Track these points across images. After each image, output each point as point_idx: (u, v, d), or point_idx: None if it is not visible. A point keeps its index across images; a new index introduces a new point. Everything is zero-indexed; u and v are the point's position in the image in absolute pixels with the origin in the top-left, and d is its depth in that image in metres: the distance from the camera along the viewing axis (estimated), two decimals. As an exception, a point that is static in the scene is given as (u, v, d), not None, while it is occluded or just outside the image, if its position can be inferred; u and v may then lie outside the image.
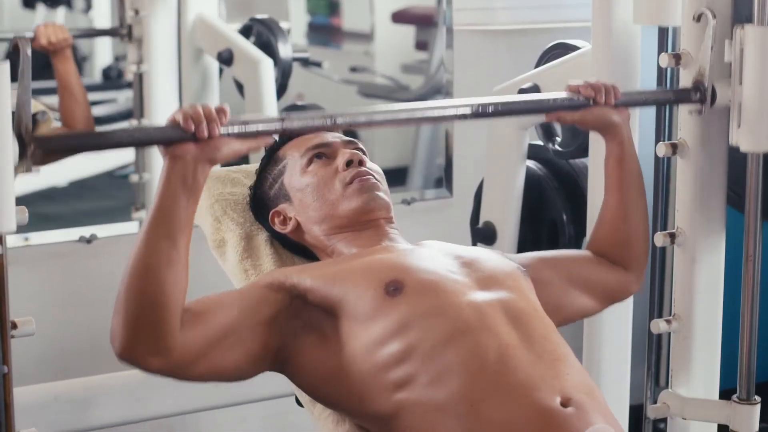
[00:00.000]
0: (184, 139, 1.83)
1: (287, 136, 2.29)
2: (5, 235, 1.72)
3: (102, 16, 3.92)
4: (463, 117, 2.09)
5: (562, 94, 2.18)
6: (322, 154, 2.21)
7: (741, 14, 2.27)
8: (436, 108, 2.11)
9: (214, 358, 1.91)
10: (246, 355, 1.94)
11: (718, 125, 2.33)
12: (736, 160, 2.34)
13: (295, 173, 2.22)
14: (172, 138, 1.84)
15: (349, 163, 2.18)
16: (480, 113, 2.09)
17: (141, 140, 1.92)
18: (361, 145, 2.26)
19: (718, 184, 2.38)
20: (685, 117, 2.34)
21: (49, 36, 3.42)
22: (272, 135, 1.95)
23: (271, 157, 2.29)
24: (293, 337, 1.98)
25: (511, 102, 2.24)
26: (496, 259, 2.15)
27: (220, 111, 1.86)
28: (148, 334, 1.83)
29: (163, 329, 1.83)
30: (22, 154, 1.72)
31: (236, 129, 1.88)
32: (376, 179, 2.20)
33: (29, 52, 1.71)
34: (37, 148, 1.72)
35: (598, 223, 2.31)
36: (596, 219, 2.33)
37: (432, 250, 2.14)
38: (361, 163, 2.19)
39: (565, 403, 1.86)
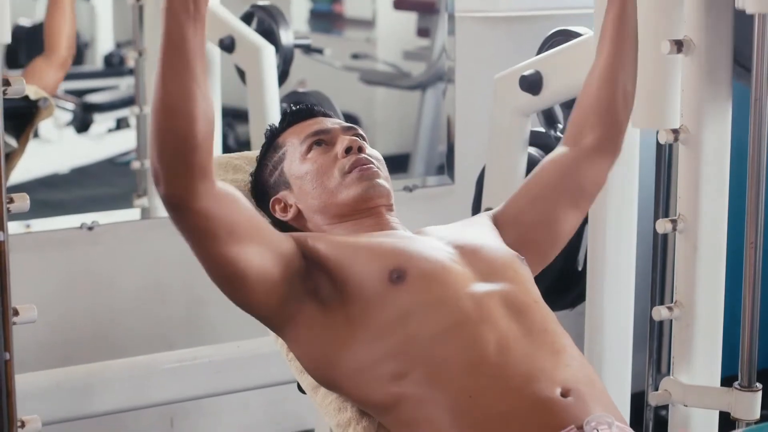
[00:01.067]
0: None
1: (286, 123, 2.29)
2: (7, 222, 1.71)
3: (104, 2, 3.92)
4: None
5: None
6: (322, 140, 2.21)
7: None
8: None
9: (243, 240, 1.89)
10: (268, 260, 1.93)
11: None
12: (744, 32, 2.29)
13: (295, 160, 2.21)
14: None
15: (348, 150, 2.17)
16: None
17: None
18: (361, 131, 2.25)
19: (720, 171, 2.38)
20: None
21: None
22: None
23: (271, 143, 2.28)
24: (297, 298, 1.97)
25: None
26: (497, 246, 2.14)
27: None
28: (184, 166, 1.79)
29: (198, 159, 1.79)
30: None
31: None
32: (376, 166, 2.19)
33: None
34: None
35: (585, 85, 2.26)
36: (585, 79, 2.27)
37: (433, 238, 2.13)
38: (360, 149, 2.18)
39: (564, 394, 1.86)
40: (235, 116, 3.76)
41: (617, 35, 2.21)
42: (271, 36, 3.57)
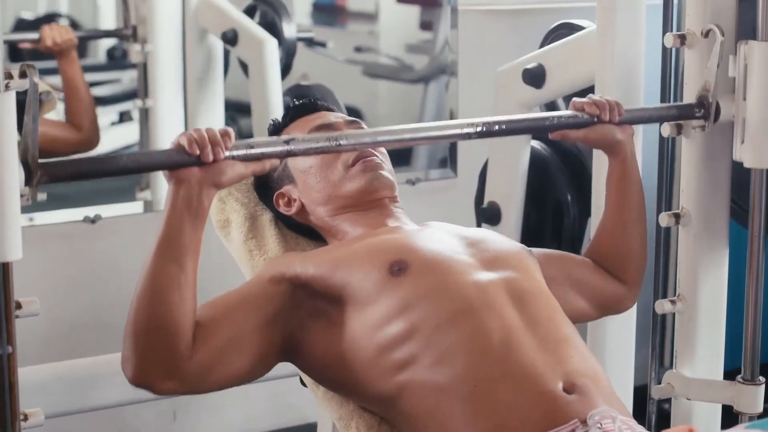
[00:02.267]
0: (189, 163, 1.83)
1: (290, 117, 2.29)
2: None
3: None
4: (468, 136, 2.08)
5: (566, 113, 2.18)
6: (325, 134, 2.21)
7: (744, 30, 2.27)
8: (441, 128, 2.11)
9: (227, 368, 1.92)
10: (257, 356, 1.95)
11: (720, 142, 2.34)
12: (740, 174, 2.34)
13: (299, 154, 2.21)
14: (176, 162, 1.83)
15: (352, 144, 2.17)
16: (484, 132, 2.08)
17: (146, 165, 1.92)
18: (363, 125, 2.25)
19: (724, 165, 2.37)
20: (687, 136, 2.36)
21: (54, 37, 3.42)
22: (277, 158, 1.95)
23: (275, 137, 2.28)
24: (299, 327, 1.99)
25: (516, 120, 2.24)
26: (502, 239, 2.15)
27: (225, 134, 1.85)
28: (159, 359, 1.83)
29: (174, 353, 1.84)
30: (29, 182, 1.72)
31: (241, 152, 1.88)
32: (380, 159, 2.19)
33: (36, 79, 1.70)
34: (43, 175, 1.73)
35: (597, 236, 2.31)
36: (595, 231, 2.33)
37: (437, 230, 2.13)
38: (363, 143, 2.18)
39: (568, 389, 1.86)
40: (237, 109, 3.75)
41: (622, 201, 2.27)
42: (273, 29, 3.57)
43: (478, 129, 2.07)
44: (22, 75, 1.70)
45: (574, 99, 2.19)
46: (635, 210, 2.26)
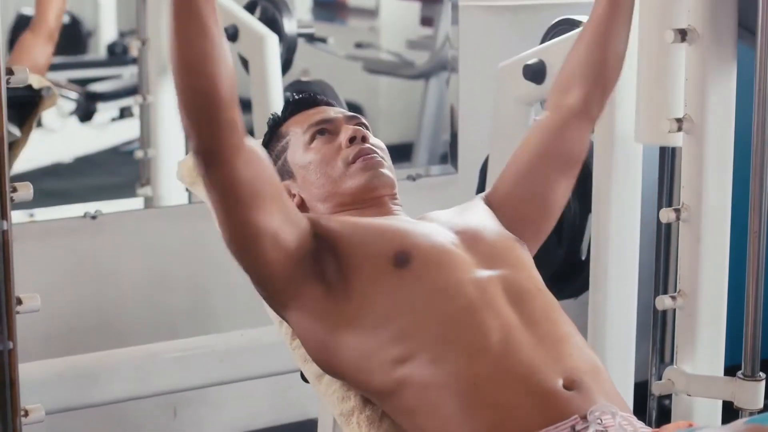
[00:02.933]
0: None
1: (289, 111, 2.28)
2: (10, 211, 1.71)
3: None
4: None
5: None
6: (325, 130, 2.20)
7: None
8: None
9: (265, 203, 1.91)
10: (284, 228, 1.94)
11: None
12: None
13: (298, 150, 2.21)
14: None
15: (352, 140, 2.17)
16: None
17: None
18: (364, 120, 2.25)
19: (723, 160, 2.37)
20: None
21: None
22: None
23: (274, 132, 2.28)
24: (304, 276, 1.97)
25: None
26: (496, 231, 2.14)
27: None
28: (211, 120, 1.82)
29: (224, 112, 1.82)
30: None
31: None
32: (380, 156, 2.19)
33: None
34: None
35: (575, 44, 2.25)
36: (577, 37, 2.27)
37: (435, 224, 2.13)
38: (364, 139, 2.17)
39: (568, 385, 1.86)
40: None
41: None
42: (274, 25, 3.57)
43: None
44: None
45: None
46: (624, 9, 2.21)
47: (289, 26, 3.60)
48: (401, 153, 3.92)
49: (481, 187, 3.05)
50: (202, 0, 1.79)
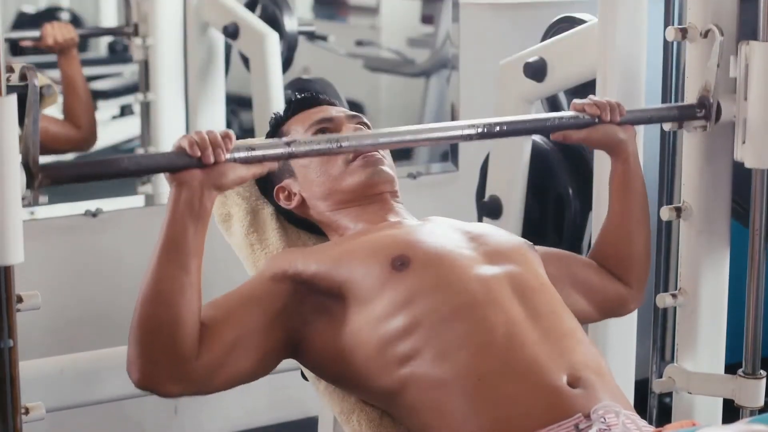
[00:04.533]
0: (190, 165, 1.83)
1: (291, 111, 2.28)
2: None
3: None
4: (469, 138, 2.08)
5: (567, 113, 2.18)
6: (326, 128, 2.21)
7: (746, 30, 2.27)
8: (442, 129, 2.10)
9: (232, 368, 1.92)
10: (261, 355, 1.95)
11: (722, 141, 2.34)
12: (741, 173, 2.34)
13: (300, 148, 2.21)
14: (177, 164, 1.83)
15: (352, 138, 2.17)
16: (486, 134, 2.09)
17: (147, 167, 1.91)
18: (365, 119, 2.25)
19: (725, 159, 2.37)
20: (688, 136, 2.36)
21: (55, 35, 3.42)
22: (278, 160, 1.95)
23: (276, 131, 2.28)
24: (302, 324, 1.99)
25: (517, 122, 2.25)
26: (504, 233, 2.15)
27: (225, 136, 1.85)
28: (165, 362, 1.83)
29: (180, 356, 1.84)
30: (30, 184, 1.72)
31: (242, 154, 1.87)
32: (380, 153, 2.19)
33: (36, 81, 1.70)
34: (44, 178, 1.73)
35: (600, 238, 2.30)
36: (598, 232, 2.32)
37: (438, 225, 2.13)
38: (364, 137, 2.18)
39: (572, 383, 1.86)
40: (239, 103, 3.75)
41: (625, 202, 2.26)
42: (275, 23, 3.57)
43: (480, 130, 2.07)
44: (23, 78, 1.70)
45: (575, 100, 2.19)
46: (639, 211, 2.25)
47: (290, 24, 3.60)
48: (402, 151, 3.92)
49: (481, 186, 3.05)
50: (193, 240, 1.83)
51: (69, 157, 3.66)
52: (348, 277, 1.98)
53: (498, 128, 2.10)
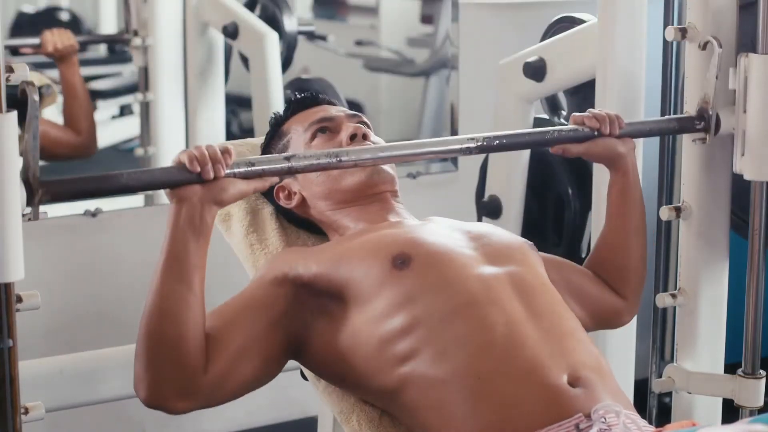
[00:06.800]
0: (190, 180, 1.83)
1: (291, 110, 2.29)
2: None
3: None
4: (468, 151, 2.09)
5: (566, 127, 2.18)
6: (326, 128, 2.21)
7: (745, 42, 2.27)
8: (441, 143, 2.12)
9: (239, 377, 1.92)
10: (266, 360, 1.95)
11: (721, 154, 2.34)
12: (740, 185, 2.34)
13: (299, 148, 2.21)
14: (177, 180, 1.84)
15: (353, 138, 2.17)
16: (485, 147, 2.10)
17: (147, 183, 1.91)
18: (365, 118, 2.25)
19: (725, 159, 2.37)
20: (687, 144, 2.36)
21: (55, 42, 3.42)
22: (278, 175, 1.95)
23: (276, 131, 2.28)
24: (303, 326, 1.99)
25: (516, 135, 2.25)
26: (505, 233, 2.15)
27: (225, 152, 1.86)
28: (173, 378, 1.84)
29: (188, 371, 1.84)
30: (30, 201, 1.72)
31: (242, 169, 1.88)
32: (380, 153, 2.19)
33: (36, 97, 1.71)
34: (44, 194, 1.73)
35: (597, 249, 2.30)
36: (596, 242, 2.32)
37: (439, 225, 2.13)
38: (365, 137, 2.18)
39: (572, 382, 1.85)
40: (238, 103, 3.76)
41: (623, 214, 2.26)
42: (274, 22, 3.57)
43: (479, 144, 2.08)
44: (23, 93, 1.70)
45: (574, 114, 2.19)
46: (636, 222, 2.25)
47: (290, 24, 3.60)
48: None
49: (481, 186, 3.05)
50: (195, 255, 1.84)
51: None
52: (348, 277, 1.98)
53: (497, 142, 2.11)
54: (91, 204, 3.36)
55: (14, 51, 3.51)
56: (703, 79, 2.27)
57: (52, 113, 3.55)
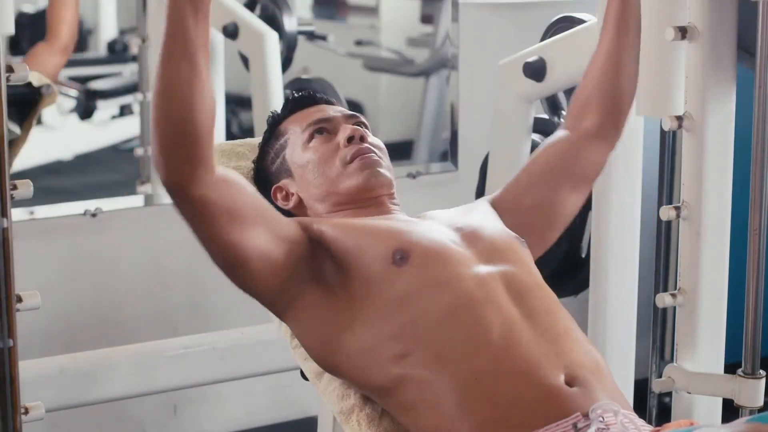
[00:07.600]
0: None
1: (288, 110, 2.28)
2: (10, 209, 1.71)
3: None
4: None
5: None
6: (324, 129, 2.20)
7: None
8: None
9: (245, 225, 1.89)
10: (270, 244, 1.93)
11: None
12: (748, 17, 2.30)
13: (297, 149, 2.21)
14: None
15: (350, 139, 2.16)
16: None
17: None
18: (363, 119, 2.24)
19: (724, 157, 2.37)
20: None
21: None
22: None
23: (273, 131, 2.28)
24: (301, 281, 1.97)
25: None
26: (495, 227, 2.14)
27: None
28: (184, 155, 1.80)
29: (199, 149, 1.80)
30: None
31: None
32: (378, 155, 2.18)
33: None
34: None
35: (588, 68, 2.25)
36: (587, 66, 2.26)
37: (434, 222, 2.13)
38: (362, 138, 2.17)
39: (569, 381, 1.85)
40: (238, 103, 3.76)
41: (621, 21, 2.20)
42: (274, 22, 3.57)
43: None
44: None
45: None
46: (633, 34, 2.22)
47: (289, 24, 3.60)
48: (401, 150, 3.93)
49: (481, 185, 3.05)
50: (195, 32, 1.79)
51: (69, 157, 3.66)
52: (355, 252, 1.98)
53: None
54: (91, 204, 3.36)
55: (14, 48, 3.51)
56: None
57: (53, 112, 3.56)
